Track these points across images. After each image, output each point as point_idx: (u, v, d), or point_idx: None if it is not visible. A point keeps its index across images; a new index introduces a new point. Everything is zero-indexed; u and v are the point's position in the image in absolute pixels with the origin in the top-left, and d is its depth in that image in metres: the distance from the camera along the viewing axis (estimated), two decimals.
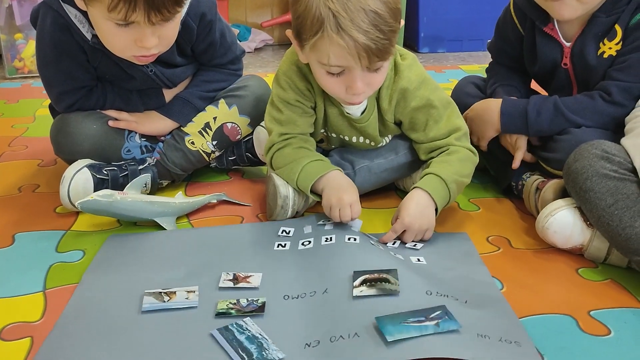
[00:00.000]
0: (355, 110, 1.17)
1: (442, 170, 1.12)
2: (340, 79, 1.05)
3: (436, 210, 1.11)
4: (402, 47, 1.23)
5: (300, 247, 1.05)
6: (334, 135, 1.25)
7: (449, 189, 1.11)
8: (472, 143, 1.28)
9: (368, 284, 0.91)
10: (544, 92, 1.38)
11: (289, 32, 1.09)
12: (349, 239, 1.05)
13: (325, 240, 1.05)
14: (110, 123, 1.27)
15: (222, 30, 1.31)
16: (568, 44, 1.21)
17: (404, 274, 0.94)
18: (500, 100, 1.23)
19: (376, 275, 0.93)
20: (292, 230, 1.10)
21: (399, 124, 1.21)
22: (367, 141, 1.24)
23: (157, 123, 1.32)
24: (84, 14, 1.14)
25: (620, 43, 1.16)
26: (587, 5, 1.14)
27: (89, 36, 1.17)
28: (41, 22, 1.18)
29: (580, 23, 1.18)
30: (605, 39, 1.17)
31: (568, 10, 1.13)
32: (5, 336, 0.87)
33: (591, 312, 0.92)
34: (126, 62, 1.20)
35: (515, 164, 1.23)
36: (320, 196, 1.13)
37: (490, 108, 1.24)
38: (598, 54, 1.18)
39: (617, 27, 1.15)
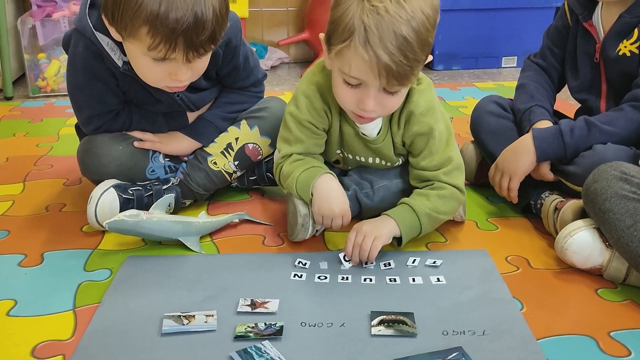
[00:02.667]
0: (371, 131, 1.20)
1: (417, 202, 1.14)
2: (355, 91, 1.07)
3: (401, 239, 1.13)
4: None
5: (317, 280, 1.07)
6: (350, 156, 1.27)
7: (419, 221, 1.13)
8: (501, 187, 1.28)
9: (386, 324, 0.94)
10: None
11: (322, 35, 1.11)
12: (364, 279, 1.07)
13: (342, 279, 1.07)
14: (135, 144, 1.31)
15: (245, 54, 1.34)
16: (600, 40, 1.27)
17: (420, 314, 0.96)
18: (529, 133, 1.25)
19: (393, 316, 0.95)
20: (309, 262, 1.12)
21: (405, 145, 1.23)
22: (383, 162, 1.25)
23: (181, 143, 1.35)
24: (116, 41, 1.17)
25: (636, 44, 1.21)
26: None
27: (119, 63, 1.20)
28: (73, 48, 1.22)
29: (613, 21, 1.24)
30: (625, 39, 1.23)
31: None
32: (38, 354, 0.90)
33: (611, 333, 0.93)
34: (154, 88, 1.23)
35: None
36: None
37: (522, 141, 1.26)
38: (616, 51, 1.23)
39: (636, 30, 1.21)
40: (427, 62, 1.08)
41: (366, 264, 1.11)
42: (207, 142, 1.35)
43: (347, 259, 1.12)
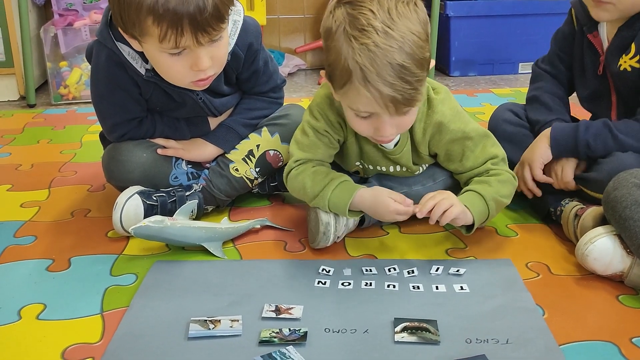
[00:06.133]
0: (388, 143, 1.21)
1: (481, 188, 1.17)
2: (369, 121, 1.08)
3: (472, 226, 1.15)
4: (434, 77, 1.26)
5: (340, 286, 1.08)
6: (370, 167, 1.28)
7: (487, 206, 1.15)
8: (524, 178, 1.29)
9: (409, 331, 0.95)
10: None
11: (322, 72, 1.13)
12: (388, 285, 1.08)
13: (365, 285, 1.08)
14: (159, 151, 1.33)
15: (265, 59, 1.37)
16: (604, 53, 1.27)
17: (443, 322, 0.97)
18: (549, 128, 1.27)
19: (416, 323, 0.96)
20: (332, 270, 1.13)
21: (433, 155, 1.25)
22: (404, 169, 1.27)
23: (203, 149, 1.37)
24: (137, 51, 1.20)
25: (635, 59, 1.21)
26: (623, 8, 1.18)
27: (142, 71, 1.23)
28: (96, 58, 1.25)
29: (613, 35, 1.24)
30: (624, 53, 1.22)
31: (605, 14, 1.20)
32: (68, 356, 0.92)
33: (633, 339, 0.94)
34: (177, 92, 1.26)
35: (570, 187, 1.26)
36: (355, 212, 1.18)
37: (541, 134, 1.28)
38: (617, 65, 1.24)
39: (633, 44, 1.21)
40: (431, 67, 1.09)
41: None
42: (229, 148, 1.37)
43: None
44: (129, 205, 1.24)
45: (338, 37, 1.02)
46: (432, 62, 1.10)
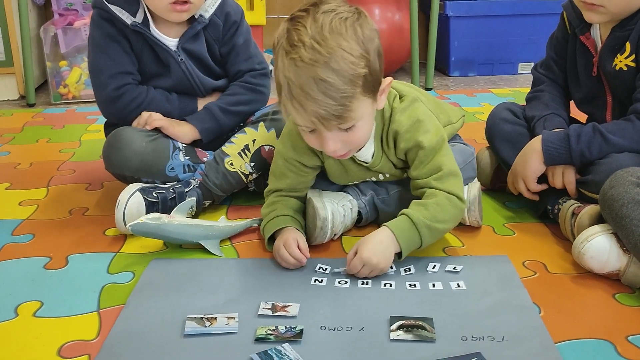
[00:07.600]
0: (365, 157, 1.20)
1: (416, 213, 1.11)
2: (314, 135, 1.08)
3: (401, 254, 1.11)
4: (434, 76, 1.24)
5: (337, 284, 1.08)
6: (360, 180, 1.28)
7: (419, 234, 1.10)
8: (520, 190, 1.29)
9: (405, 329, 0.95)
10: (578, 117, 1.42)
11: None
12: (384, 284, 1.08)
13: (362, 284, 1.08)
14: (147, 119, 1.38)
15: (246, 39, 1.44)
16: (597, 54, 1.28)
17: (439, 319, 0.97)
18: (540, 136, 1.26)
19: (412, 321, 0.96)
20: (329, 268, 1.13)
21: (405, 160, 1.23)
22: (393, 177, 1.26)
23: (181, 126, 1.40)
24: (123, 7, 1.34)
25: (630, 58, 1.22)
26: (614, 11, 1.19)
27: (129, 21, 1.34)
28: (91, 20, 1.39)
29: (606, 35, 1.25)
30: (618, 53, 1.23)
31: (596, 16, 1.22)
32: (64, 353, 0.92)
33: (629, 337, 0.94)
34: (162, 48, 1.37)
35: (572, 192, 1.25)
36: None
37: (531, 144, 1.27)
38: (612, 65, 1.24)
39: (627, 43, 1.21)
40: (382, 87, 1.07)
41: None
42: (202, 127, 1.41)
43: (342, 272, 1.12)
44: (132, 202, 1.25)
45: (277, 52, 1.04)
46: (389, 80, 1.10)
